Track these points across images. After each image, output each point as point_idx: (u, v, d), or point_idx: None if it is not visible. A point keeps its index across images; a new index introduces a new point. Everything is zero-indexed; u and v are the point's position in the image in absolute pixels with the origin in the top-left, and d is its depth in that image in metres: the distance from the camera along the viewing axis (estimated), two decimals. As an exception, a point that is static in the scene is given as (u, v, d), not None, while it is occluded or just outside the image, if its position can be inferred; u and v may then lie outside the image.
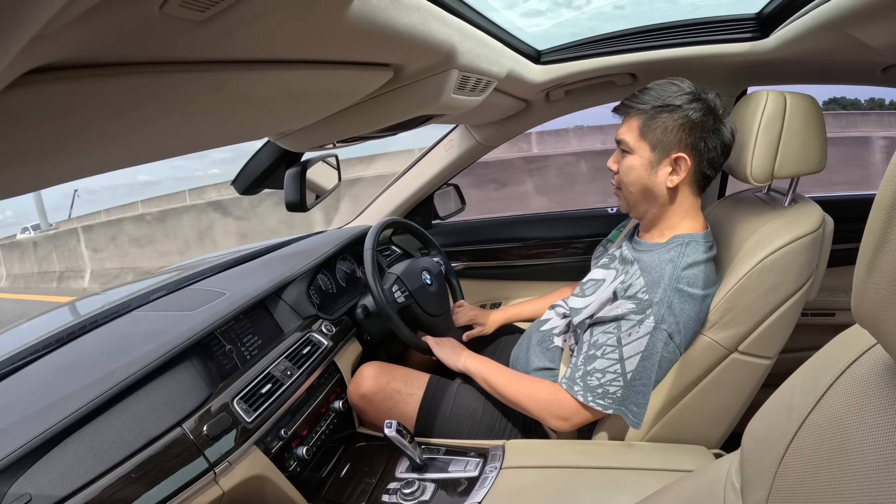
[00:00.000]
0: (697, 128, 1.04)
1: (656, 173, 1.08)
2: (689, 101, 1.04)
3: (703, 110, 1.04)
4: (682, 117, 1.04)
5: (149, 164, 0.77)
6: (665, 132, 1.05)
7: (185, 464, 0.87)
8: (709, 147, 1.05)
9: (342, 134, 1.11)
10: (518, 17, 1.78)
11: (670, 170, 1.07)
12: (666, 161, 1.07)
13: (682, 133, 1.04)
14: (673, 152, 1.06)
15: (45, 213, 14.68)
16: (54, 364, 1.01)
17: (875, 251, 0.36)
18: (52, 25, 0.30)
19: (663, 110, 1.05)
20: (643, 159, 1.08)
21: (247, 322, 1.23)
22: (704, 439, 1.12)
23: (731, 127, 1.08)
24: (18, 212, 57.87)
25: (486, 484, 1.03)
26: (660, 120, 1.05)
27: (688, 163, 1.05)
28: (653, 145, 1.07)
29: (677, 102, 1.04)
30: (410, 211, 1.99)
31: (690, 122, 1.04)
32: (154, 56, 0.47)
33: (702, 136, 1.04)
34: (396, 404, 1.27)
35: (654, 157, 1.07)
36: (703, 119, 1.04)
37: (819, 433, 0.47)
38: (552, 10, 29.87)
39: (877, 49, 0.96)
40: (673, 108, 1.04)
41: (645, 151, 1.08)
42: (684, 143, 1.05)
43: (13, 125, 0.42)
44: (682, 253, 1.04)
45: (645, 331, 1.01)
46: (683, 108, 1.04)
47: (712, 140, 1.05)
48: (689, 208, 1.11)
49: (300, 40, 0.58)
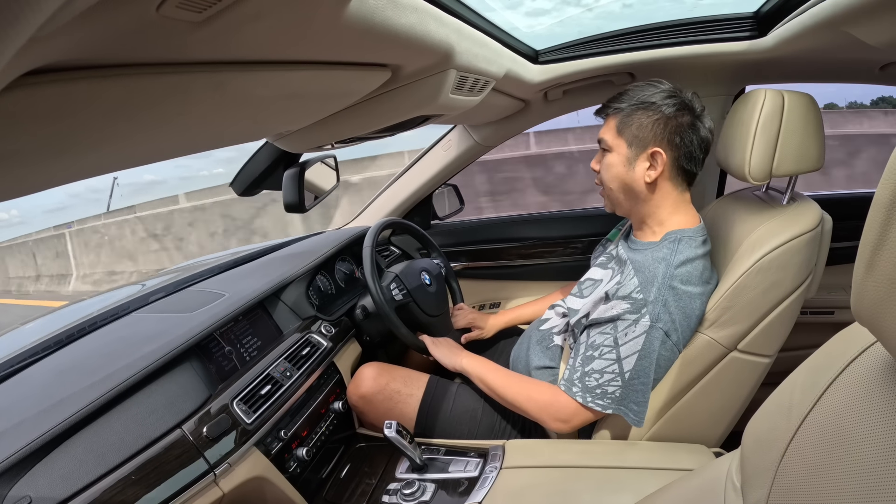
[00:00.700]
0: (672, 122, 1.07)
1: (634, 168, 1.10)
2: (664, 97, 1.07)
3: (676, 106, 1.07)
4: (655, 113, 1.07)
5: (150, 164, 0.77)
6: (640, 128, 1.08)
7: (185, 465, 0.87)
8: (685, 142, 1.08)
9: (340, 135, 1.11)
10: (521, 16, 1.78)
11: (647, 165, 1.09)
12: (643, 156, 1.09)
13: (657, 128, 1.07)
14: (649, 147, 1.08)
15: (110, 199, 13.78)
16: (54, 366, 1.01)
17: (874, 249, 0.36)
18: (48, 27, 0.30)
19: (639, 108, 1.09)
20: (621, 155, 1.12)
21: (246, 323, 1.23)
22: (704, 438, 1.12)
23: (709, 124, 1.11)
24: (24, 211, 57.95)
25: (487, 484, 1.03)
26: (635, 117, 1.09)
27: (663, 157, 1.07)
28: (629, 141, 1.10)
29: (652, 100, 1.08)
30: (409, 211, 1.99)
31: (665, 118, 1.07)
32: (151, 57, 0.47)
33: (676, 130, 1.07)
34: (396, 405, 1.27)
35: (631, 152, 1.10)
36: (676, 114, 1.07)
37: (819, 431, 0.47)
38: (557, 9, 29.86)
39: (875, 47, 0.96)
40: (648, 104, 1.08)
41: (622, 148, 1.11)
42: (659, 137, 1.08)
43: (10, 127, 0.42)
44: (675, 250, 1.04)
45: (641, 330, 1.01)
46: (658, 104, 1.07)
47: (688, 135, 1.08)
48: (675, 203, 1.12)
49: (298, 41, 0.58)
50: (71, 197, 55.68)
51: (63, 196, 64.43)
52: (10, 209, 47.51)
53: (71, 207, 44.44)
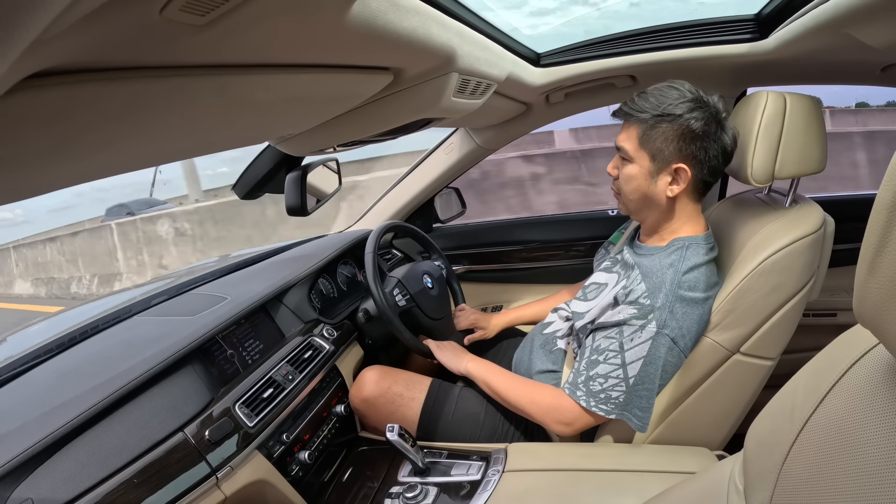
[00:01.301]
0: (699, 138, 1.01)
1: (656, 183, 1.06)
2: (690, 109, 1.00)
3: (704, 119, 1.00)
4: (682, 127, 1.01)
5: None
6: (665, 142, 1.02)
7: (187, 469, 0.87)
8: (710, 156, 1.03)
9: (342, 138, 1.11)
10: (524, 16, 1.75)
11: (670, 179, 1.05)
12: (666, 171, 1.05)
13: (683, 143, 1.02)
14: (673, 163, 1.03)
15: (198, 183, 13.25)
16: (56, 369, 1.01)
17: (876, 251, 0.36)
18: (52, 30, 0.30)
19: (663, 119, 1.02)
20: (643, 169, 1.06)
21: (248, 326, 1.23)
22: (707, 441, 1.12)
23: (734, 132, 1.06)
24: (28, 210, 57.98)
25: (489, 487, 1.03)
26: (659, 129, 1.02)
27: (688, 173, 1.03)
28: (652, 155, 1.05)
29: (678, 111, 1.00)
30: (411, 214, 2.00)
31: (691, 133, 1.01)
32: (154, 60, 0.47)
33: (702, 145, 1.02)
34: (398, 408, 1.27)
35: (654, 167, 1.05)
36: (704, 128, 1.00)
37: (822, 434, 0.47)
38: (562, 9, 29.59)
39: (876, 48, 0.96)
40: (673, 117, 1.01)
41: (644, 161, 1.06)
42: (685, 153, 1.02)
43: (14, 130, 0.42)
44: (683, 257, 1.04)
45: (647, 336, 1.01)
46: (684, 118, 1.00)
47: (713, 148, 1.03)
48: (689, 213, 1.10)
49: (300, 44, 0.58)
50: (76, 196, 55.51)
51: (68, 195, 64.38)
52: (14, 208, 47.51)
53: (76, 207, 44.38)
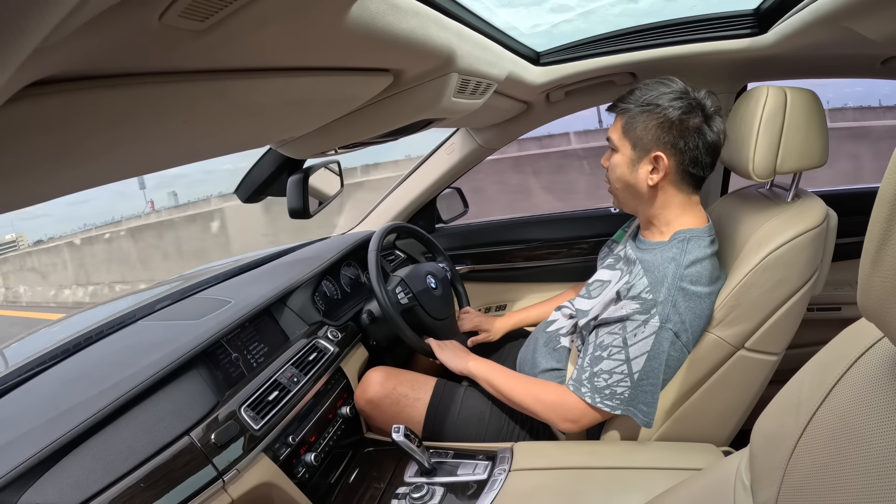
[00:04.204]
0: (676, 127, 1.04)
1: (637, 171, 1.09)
2: (672, 99, 1.04)
3: (683, 108, 1.03)
4: (660, 116, 1.04)
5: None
6: (645, 130, 1.06)
7: (194, 472, 0.87)
8: (689, 146, 1.04)
9: (343, 140, 1.11)
10: (545, 13, 1.73)
11: (650, 168, 1.08)
12: (646, 159, 1.08)
13: (661, 131, 1.05)
14: (652, 151, 1.06)
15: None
16: (61, 375, 1.01)
17: (880, 244, 0.36)
18: (52, 38, 0.30)
19: (645, 110, 1.06)
20: (625, 157, 1.11)
21: (252, 330, 1.23)
22: (713, 437, 1.12)
23: (719, 127, 1.07)
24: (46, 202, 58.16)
25: (496, 487, 1.03)
26: (640, 119, 1.07)
27: (665, 162, 1.05)
28: (633, 143, 1.08)
29: (659, 102, 1.04)
30: (414, 215, 2.00)
31: (668, 121, 1.04)
32: (154, 66, 0.48)
33: (680, 135, 1.04)
34: (403, 409, 1.27)
35: (635, 155, 1.09)
36: (682, 117, 1.03)
37: (828, 428, 0.47)
38: (581, 5, 28.99)
39: (876, 41, 0.96)
40: (654, 107, 1.05)
41: (627, 149, 1.10)
42: (663, 141, 1.05)
43: (14, 138, 0.42)
44: (685, 250, 1.04)
45: (650, 331, 1.01)
46: (663, 107, 1.04)
47: (693, 139, 1.04)
48: (682, 205, 1.10)
49: (299, 47, 0.59)
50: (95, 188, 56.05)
51: (70, 197, 64.68)
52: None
53: (94, 199, 44.11)
